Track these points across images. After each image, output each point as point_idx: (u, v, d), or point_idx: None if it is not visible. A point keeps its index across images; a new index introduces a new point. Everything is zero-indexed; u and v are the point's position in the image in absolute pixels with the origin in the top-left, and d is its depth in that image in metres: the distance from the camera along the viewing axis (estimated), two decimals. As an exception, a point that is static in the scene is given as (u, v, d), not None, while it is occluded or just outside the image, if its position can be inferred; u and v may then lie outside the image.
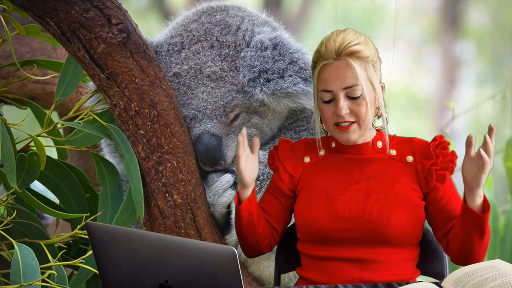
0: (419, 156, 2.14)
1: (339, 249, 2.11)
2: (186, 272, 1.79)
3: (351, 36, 2.11)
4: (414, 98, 3.89)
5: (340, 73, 2.09)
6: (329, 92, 2.10)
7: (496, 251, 3.60)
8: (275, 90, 2.41)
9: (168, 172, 2.38)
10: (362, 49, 2.10)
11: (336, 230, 2.10)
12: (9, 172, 2.22)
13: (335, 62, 2.09)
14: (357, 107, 2.09)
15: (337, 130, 2.12)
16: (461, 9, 4.04)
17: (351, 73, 2.08)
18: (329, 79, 2.09)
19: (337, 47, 2.09)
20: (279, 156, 2.21)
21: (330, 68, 2.10)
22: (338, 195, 2.12)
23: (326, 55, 2.10)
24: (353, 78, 2.08)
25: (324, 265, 2.13)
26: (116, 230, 1.87)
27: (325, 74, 2.10)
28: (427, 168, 2.12)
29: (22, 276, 2.12)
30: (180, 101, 2.44)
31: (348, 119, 2.10)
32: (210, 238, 2.44)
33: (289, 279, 2.50)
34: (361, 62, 2.09)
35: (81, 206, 2.45)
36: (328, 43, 2.10)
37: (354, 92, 2.09)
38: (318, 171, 2.18)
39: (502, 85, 3.88)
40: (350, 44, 2.09)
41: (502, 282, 1.86)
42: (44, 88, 3.11)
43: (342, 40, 2.09)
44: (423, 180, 2.12)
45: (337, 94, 2.09)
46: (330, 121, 2.12)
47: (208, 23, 2.49)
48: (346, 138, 2.12)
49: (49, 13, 2.29)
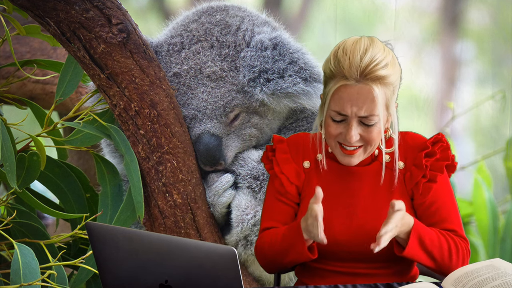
0: (410, 161, 2.06)
1: (336, 264, 2.08)
2: (186, 272, 1.79)
3: (380, 54, 1.93)
4: (414, 98, 3.89)
5: (360, 100, 1.93)
6: (343, 115, 1.96)
7: (496, 251, 3.60)
8: (275, 90, 2.40)
9: (168, 172, 2.38)
10: (389, 74, 1.93)
11: (333, 252, 2.05)
12: (9, 172, 2.22)
13: (356, 85, 1.93)
14: (368, 134, 1.97)
15: (339, 150, 2.02)
16: (461, 9, 4.04)
17: (370, 101, 1.93)
18: (346, 103, 1.94)
19: (364, 67, 1.91)
20: (278, 162, 2.12)
21: (350, 91, 1.93)
22: (336, 218, 2.05)
23: (349, 74, 1.92)
24: (372, 107, 1.93)
25: (320, 275, 2.10)
26: (116, 230, 1.87)
27: (343, 95, 1.94)
28: (415, 180, 2.05)
29: (22, 276, 2.12)
30: (180, 101, 2.44)
31: (357, 144, 1.99)
32: (210, 238, 2.44)
33: (289, 279, 2.50)
34: (384, 88, 1.94)
35: (81, 206, 2.45)
36: (354, 59, 1.92)
37: (369, 120, 1.96)
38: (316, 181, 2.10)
39: (502, 85, 3.88)
40: (378, 67, 1.92)
41: (502, 282, 1.85)
42: (44, 88, 3.11)
43: (370, 59, 1.91)
44: (410, 190, 2.06)
45: (350, 119, 1.96)
46: (334, 138, 2.01)
47: (208, 23, 2.49)
48: (347, 161, 2.02)
49: (49, 13, 2.29)
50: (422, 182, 2.04)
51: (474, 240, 3.68)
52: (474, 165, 3.80)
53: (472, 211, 3.68)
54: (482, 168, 3.74)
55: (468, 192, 3.72)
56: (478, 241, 3.67)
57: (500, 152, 3.80)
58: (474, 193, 3.65)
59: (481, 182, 3.64)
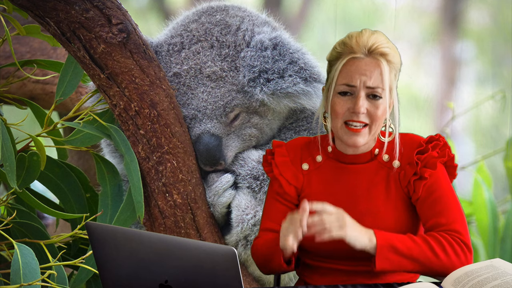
0: (405, 160, 2.09)
1: (336, 262, 2.09)
2: (186, 272, 1.79)
3: (383, 39, 2.06)
4: (414, 98, 3.89)
5: (368, 70, 2.03)
6: (351, 87, 2.04)
7: (496, 251, 3.60)
8: (275, 90, 2.40)
9: (168, 172, 2.38)
10: (392, 53, 2.05)
11: (333, 250, 2.06)
12: (9, 172, 2.22)
13: (365, 58, 2.03)
14: (374, 109, 2.03)
15: (346, 130, 2.05)
16: (461, 9, 4.04)
17: (378, 73, 2.03)
18: (355, 74, 2.03)
19: (371, 44, 2.03)
20: (277, 165, 2.14)
21: (358, 63, 2.03)
22: None
23: (357, 49, 2.04)
24: (379, 79, 2.03)
25: (321, 273, 2.11)
26: (116, 230, 1.87)
27: (351, 67, 2.03)
28: (407, 178, 2.07)
29: (22, 276, 2.12)
30: (180, 101, 2.44)
31: (363, 119, 2.04)
32: (210, 238, 2.44)
33: (289, 279, 2.50)
34: (389, 66, 2.05)
35: (81, 206, 2.45)
36: (360, 39, 2.04)
37: (376, 93, 2.03)
38: (315, 182, 2.12)
39: (502, 85, 3.88)
40: (383, 45, 2.04)
41: (502, 281, 1.85)
42: (44, 88, 3.11)
43: (375, 40, 2.04)
44: (405, 188, 2.08)
45: (359, 90, 2.03)
46: (341, 117, 2.05)
47: (208, 23, 2.49)
48: (353, 140, 2.05)
49: (49, 13, 2.29)
50: (413, 180, 2.07)
51: (474, 240, 3.68)
52: (474, 165, 3.80)
53: (472, 211, 3.68)
54: (482, 168, 3.74)
55: (468, 192, 3.72)
56: (478, 241, 3.67)
57: (500, 152, 3.79)
58: (474, 193, 3.65)
59: (481, 182, 3.64)
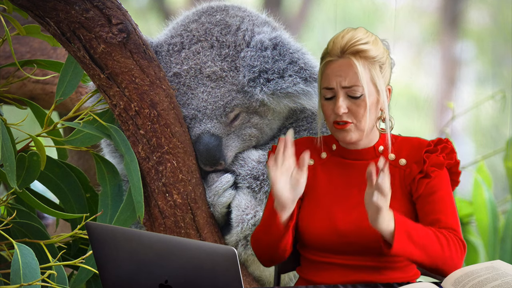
0: (412, 159, 2.11)
1: (339, 257, 2.10)
2: (186, 272, 1.79)
3: (360, 34, 2.07)
4: (414, 98, 3.88)
5: (341, 71, 2.06)
6: (330, 89, 2.08)
7: (496, 251, 3.60)
8: (275, 90, 2.41)
9: (168, 172, 2.38)
10: (368, 49, 2.06)
11: (336, 243, 2.08)
12: (9, 172, 2.22)
13: (338, 60, 2.07)
14: (356, 107, 2.07)
15: (335, 128, 2.10)
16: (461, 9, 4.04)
17: (352, 73, 2.06)
18: (331, 77, 2.07)
19: (343, 44, 2.06)
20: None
21: (333, 66, 2.08)
22: (339, 209, 2.10)
23: (332, 52, 2.08)
24: (354, 78, 2.06)
25: (324, 268, 2.12)
26: (116, 230, 1.87)
27: (328, 71, 2.08)
28: (413, 175, 2.09)
29: (22, 276, 2.12)
30: (180, 101, 2.44)
31: (346, 119, 2.07)
32: (210, 238, 2.44)
33: (289, 279, 2.50)
34: (366, 62, 2.07)
35: (81, 206, 2.45)
36: (336, 40, 2.09)
37: (354, 92, 2.06)
38: (320, 176, 2.15)
39: (502, 85, 3.88)
40: (358, 42, 2.06)
41: (502, 282, 1.86)
42: (44, 88, 3.11)
43: (350, 37, 2.07)
44: (408, 186, 2.10)
45: (337, 92, 2.07)
46: (329, 118, 2.10)
47: (208, 23, 2.49)
48: (342, 137, 2.09)
49: (49, 13, 2.29)
50: (418, 177, 2.09)
51: (474, 240, 3.68)
52: (474, 165, 3.80)
53: (472, 211, 3.68)
54: (482, 168, 3.74)
55: (468, 192, 3.72)
56: (478, 241, 3.67)
57: (500, 152, 3.79)
58: (474, 193, 3.65)
59: (481, 182, 3.64)
